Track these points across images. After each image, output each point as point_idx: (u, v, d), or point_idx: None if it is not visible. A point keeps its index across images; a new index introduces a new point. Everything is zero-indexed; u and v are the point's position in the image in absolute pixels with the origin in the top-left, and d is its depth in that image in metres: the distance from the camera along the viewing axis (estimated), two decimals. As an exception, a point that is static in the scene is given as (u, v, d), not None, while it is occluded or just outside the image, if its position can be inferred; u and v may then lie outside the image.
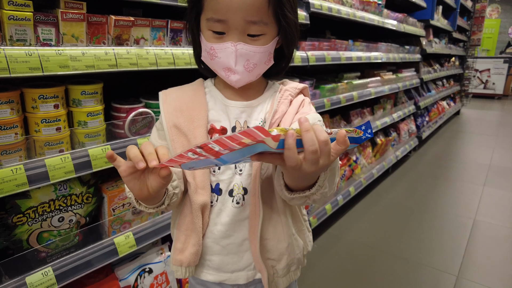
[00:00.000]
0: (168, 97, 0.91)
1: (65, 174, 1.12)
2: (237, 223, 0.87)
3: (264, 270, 0.89)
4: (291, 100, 0.90)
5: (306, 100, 0.93)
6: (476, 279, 2.21)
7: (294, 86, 0.91)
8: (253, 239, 0.86)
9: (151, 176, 0.67)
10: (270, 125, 0.85)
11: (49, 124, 1.09)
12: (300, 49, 2.16)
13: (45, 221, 1.15)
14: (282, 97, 0.89)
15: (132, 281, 1.41)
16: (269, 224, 0.87)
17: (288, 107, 0.89)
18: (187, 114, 0.87)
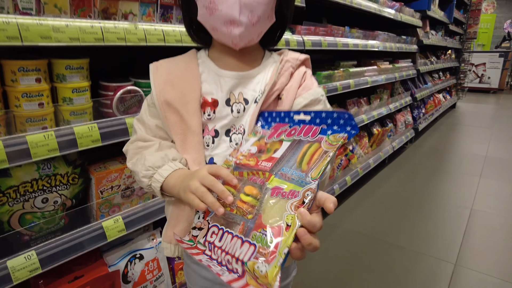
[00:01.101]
0: (159, 69, 0.85)
1: (48, 152, 1.06)
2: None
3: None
4: (292, 72, 0.84)
5: (308, 72, 0.87)
6: (474, 266, 2.19)
7: (295, 57, 0.86)
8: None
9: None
10: (267, 97, 0.80)
11: (31, 99, 1.03)
12: (296, 33, 2.11)
13: (27, 202, 1.09)
14: (283, 68, 0.83)
15: (122, 267, 1.36)
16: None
17: (289, 79, 0.83)
18: (179, 88, 0.82)
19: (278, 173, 0.62)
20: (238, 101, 0.82)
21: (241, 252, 0.60)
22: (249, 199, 0.62)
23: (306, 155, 0.60)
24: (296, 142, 0.65)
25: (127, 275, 1.37)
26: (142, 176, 0.79)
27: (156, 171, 0.76)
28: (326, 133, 0.62)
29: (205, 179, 0.65)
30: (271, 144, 0.68)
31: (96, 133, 1.17)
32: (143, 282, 1.41)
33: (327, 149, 0.60)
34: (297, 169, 0.60)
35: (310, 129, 0.64)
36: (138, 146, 0.85)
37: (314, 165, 0.59)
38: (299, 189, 0.56)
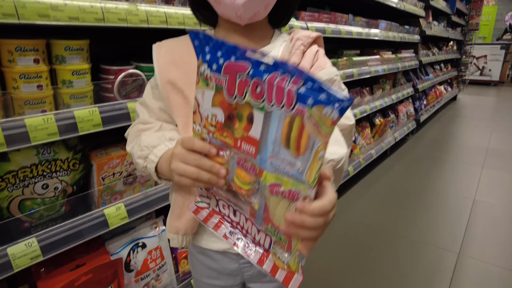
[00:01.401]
0: (162, 49, 0.81)
1: (48, 136, 1.02)
2: None
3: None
4: (304, 51, 0.80)
5: (320, 52, 0.83)
6: (477, 256, 2.18)
7: (307, 35, 0.81)
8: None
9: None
10: None
11: (29, 80, 0.99)
12: (300, 19, 2.07)
13: (27, 188, 1.06)
14: (294, 47, 0.79)
15: (124, 255, 1.33)
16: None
17: (301, 59, 0.79)
18: (183, 68, 0.78)
19: (268, 163, 0.52)
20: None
21: (260, 238, 0.61)
22: (244, 186, 0.58)
23: (292, 138, 0.48)
24: (269, 114, 0.49)
25: (129, 263, 1.34)
26: (137, 157, 0.76)
27: (151, 151, 0.73)
28: (305, 102, 0.44)
29: (186, 158, 0.61)
30: (240, 108, 0.52)
31: (97, 117, 1.13)
32: (146, 270, 1.39)
33: (315, 136, 0.45)
34: (287, 151, 0.49)
35: (281, 90, 0.46)
36: (138, 128, 0.82)
37: (305, 158, 0.48)
38: (298, 188, 0.50)
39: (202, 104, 0.56)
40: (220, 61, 0.51)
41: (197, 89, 0.56)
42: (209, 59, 0.52)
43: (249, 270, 0.91)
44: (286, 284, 0.59)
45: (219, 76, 0.51)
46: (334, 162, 0.67)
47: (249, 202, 0.59)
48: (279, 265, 0.60)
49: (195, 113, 0.59)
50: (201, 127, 0.58)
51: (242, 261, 0.89)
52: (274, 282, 0.95)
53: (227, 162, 0.58)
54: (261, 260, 0.61)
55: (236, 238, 0.65)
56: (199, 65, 0.53)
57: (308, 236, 0.53)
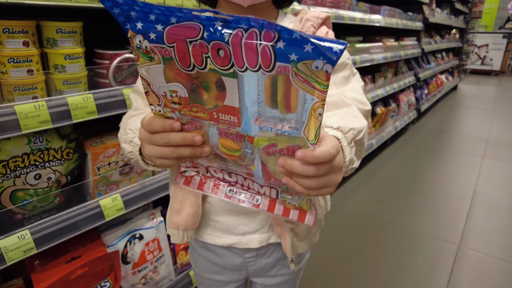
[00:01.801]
0: None
1: (39, 124, 0.97)
2: None
3: (287, 235, 0.77)
4: (314, 32, 0.75)
5: (330, 34, 0.78)
6: (477, 247, 2.17)
7: (316, 15, 0.76)
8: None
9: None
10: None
11: (19, 64, 0.93)
12: (302, 2, 1.99)
13: (18, 178, 1.01)
14: (303, 28, 0.74)
15: (121, 247, 1.29)
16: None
17: None
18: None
19: (256, 127, 0.47)
20: None
21: (265, 191, 0.59)
22: (233, 153, 0.54)
23: (278, 99, 0.41)
24: (242, 77, 0.41)
25: (126, 255, 1.31)
26: (123, 142, 0.71)
27: (136, 134, 0.67)
28: (287, 59, 0.37)
29: (152, 140, 0.56)
30: (203, 76, 0.43)
31: (92, 104, 1.08)
32: (143, 262, 1.36)
33: (307, 93, 0.39)
34: (275, 111, 0.44)
35: (253, 50, 0.37)
36: (130, 115, 0.78)
37: (298, 115, 0.42)
38: (296, 142, 0.46)
39: (153, 82, 0.47)
40: (158, 28, 0.40)
41: (139, 67, 0.46)
42: (142, 28, 0.41)
43: (253, 264, 0.87)
44: (302, 220, 0.58)
45: (163, 45, 0.41)
46: (355, 131, 0.63)
47: (243, 165, 0.55)
48: (290, 207, 0.59)
49: (147, 93, 0.50)
50: (161, 107, 0.51)
51: (247, 256, 0.86)
52: (278, 277, 0.92)
53: (204, 130, 0.53)
54: (271, 207, 0.59)
55: (238, 194, 0.62)
56: (130, 37, 0.42)
57: (316, 185, 0.50)
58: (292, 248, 0.79)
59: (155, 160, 0.59)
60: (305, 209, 0.58)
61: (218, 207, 0.80)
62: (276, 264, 0.89)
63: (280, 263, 0.89)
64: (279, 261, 0.89)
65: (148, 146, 0.58)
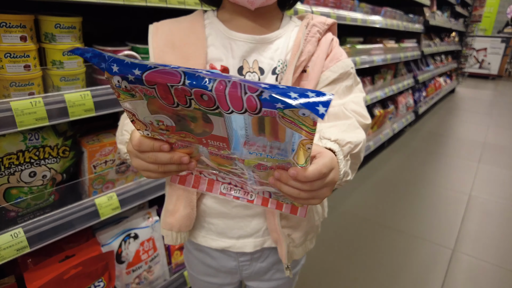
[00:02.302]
0: (159, 30, 0.74)
1: (36, 121, 0.95)
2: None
3: (283, 241, 0.76)
4: (319, 39, 0.73)
5: (335, 41, 0.77)
6: (472, 253, 2.18)
7: (322, 21, 0.75)
8: None
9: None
10: (296, 68, 0.69)
11: (15, 59, 0.91)
12: (305, 2, 1.97)
13: (13, 175, 0.99)
14: (309, 34, 0.72)
15: (116, 246, 1.28)
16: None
17: (316, 47, 0.73)
18: (181, 51, 0.71)
19: (245, 151, 0.47)
20: (252, 69, 0.72)
21: (258, 191, 0.61)
22: (224, 167, 0.55)
23: (266, 132, 0.41)
24: (229, 116, 0.41)
25: (121, 255, 1.29)
26: (119, 143, 0.71)
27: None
28: (273, 107, 0.36)
29: (140, 157, 0.55)
30: (188, 111, 0.42)
31: (90, 101, 1.06)
32: (138, 262, 1.34)
33: (294, 131, 0.39)
34: (263, 138, 0.43)
35: (238, 99, 0.37)
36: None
37: (286, 144, 0.42)
38: (286, 161, 0.47)
39: (137, 114, 0.46)
40: (135, 72, 0.38)
41: (120, 101, 0.44)
42: (118, 71, 0.39)
43: (248, 268, 0.87)
44: (294, 213, 0.61)
45: (144, 86, 0.39)
46: (352, 145, 0.63)
47: (235, 174, 0.56)
48: (283, 203, 0.61)
49: (133, 122, 0.48)
50: (149, 131, 0.50)
51: (242, 259, 0.85)
52: (273, 281, 0.91)
53: (193, 147, 0.52)
54: (265, 202, 0.62)
55: (233, 191, 0.64)
56: (107, 77, 0.41)
57: (304, 197, 0.52)
58: (288, 255, 0.79)
59: (141, 172, 0.59)
60: (297, 205, 0.61)
61: (213, 210, 0.79)
62: (270, 268, 0.88)
63: (275, 268, 0.89)
64: (274, 266, 0.88)
65: (135, 159, 0.57)
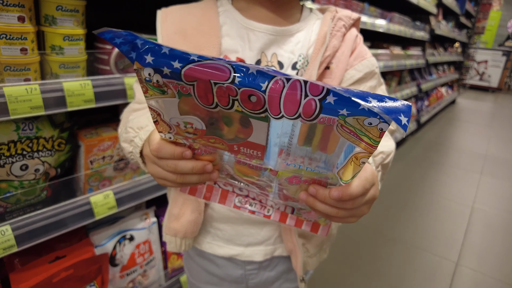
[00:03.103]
0: (169, 17, 0.68)
1: (31, 109, 0.87)
2: None
3: (299, 251, 0.70)
4: (344, 34, 0.67)
5: (359, 37, 0.71)
6: (475, 266, 2.12)
7: (348, 15, 0.69)
8: None
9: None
10: (320, 64, 0.63)
11: (11, 41, 0.84)
12: (316, 1, 1.91)
13: (2, 168, 0.91)
14: (335, 28, 0.66)
15: (110, 248, 1.20)
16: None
17: (341, 42, 0.66)
18: (193, 40, 0.64)
19: (280, 162, 0.42)
20: (270, 63, 0.65)
21: (279, 206, 0.56)
22: (250, 178, 0.48)
23: (316, 136, 0.36)
24: (273, 122, 0.36)
25: (115, 257, 1.21)
26: (123, 141, 0.64)
27: (137, 134, 0.59)
28: (335, 113, 0.31)
29: (159, 163, 0.48)
30: (225, 113, 0.37)
31: (90, 91, 0.98)
32: (133, 266, 1.26)
33: (353, 145, 0.34)
34: (307, 148, 0.38)
35: (295, 102, 0.32)
36: (132, 108, 0.71)
37: (333, 157, 0.38)
38: (324, 175, 0.42)
39: (164, 113, 0.40)
40: (174, 65, 0.32)
41: (147, 97, 0.38)
42: (153, 62, 0.33)
43: (255, 277, 0.80)
44: (315, 231, 0.56)
45: (180, 82, 0.34)
46: (384, 155, 0.59)
47: (258, 186, 0.50)
48: (303, 220, 0.56)
49: (156, 123, 0.42)
50: (173, 134, 0.43)
51: (249, 268, 0.78)
52: None
53: (217, 154, 0.46)
54: (283, 218, 0.57)
55: (249, 205, 0.57)
56: (137, 69, 0.34)
57: (345, 216, 0.47)
58: (303, 266, 0.72)
59: (156, 179, 0.52)
60: (320, 223, 0.56)
61: (221, 214, 0.72)
62: (279, 277, 0.82)
63: (284, 277, 0.82)
64: (283, 275, 0.82)
65: (152, 165, 0.51)
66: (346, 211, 0.46)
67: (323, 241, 0.76)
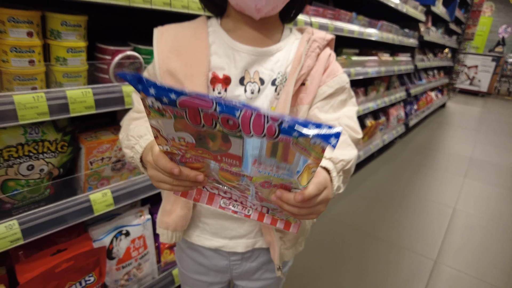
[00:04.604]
0: (164, 35, 0.76)
1: (37, 115, 0.97)
2: None
3: (276, 243, 0.80)
4: (318, 54, 0.77)
5: (332, 56, 0.80)
6: (453, 264, 2.24)
7: (322, 37, 0.78)
8: None
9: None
10: (296, 81, 0.73)
11: (21, 54, 0.93)
12: (304, 12, 2.02)
13: (11, 168, 1.00)
14: (310, 49, 0.75)
15: (107, 243, 1.29)
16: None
17: (315, 61, 0.76)
18: (185, 57, 0.73)
19: (254, 170, 0.52)
20: (253, 80, 0.75)
21: (257, 207, 0.66)
22: (231, 183, 0.59)
23: (277, 155, 0.47)
24: (246, 139, 0.46)
25: (111, 251, 1.31)
26: (125, 147, 0.73)
27: (137, 142, 0.70)
28: (290, 134, 0.41)
29: (158, 169, 0.59)
30: (210, 131, 0.47)
31: (91, 99, 1.08)
32: (128, 259, 1.36)
33: (303, 156, 0.45)
34: (273, 160, 0.48)
35: (260, 126, 0.42)
36: (132, 117, 0.80)
37: (293, 167, 0.48)
38: (289, 181, 0.53)
39: (162, 130, 0.50)
40: (171, 96, 0.42)
41: (150, 118, 0.48)
42: (155, 94, 0.43)
43: (238, 267, 0.90)
44: (287, 229, 0.67)
45: (175, 108, 0.44)
46: (345, 162, 0.68)
47: (239, 189, 0.61)
48: (278, 219, 0.67)
49: (156, 137, 0.53)
50: (169, 146, 0.54)
51: (233, 258, 0.88)
52: (261, 280, 0.94)
53: (205, 162, 0.56)
54: (261, 217, 0.67)
55: (232, 206, 0.68)
56: (142, 98, 0.45)
57: (304, 213, 0.58)
58: (280, 256, 0.82)
59: (154, 183, 0.62)
60: (291, 222, 0.66)
61: (208, 210, 0.82)
62: (260, 268, 0.91)
63: (264, 268, 0.92)
64: (263, 266, 0.91)
65: (152, 170, 0.61)
66: (306, 209, 0.56)
67: (298, 235, 0.86)
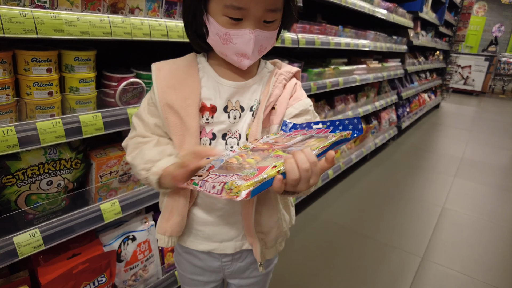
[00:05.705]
0: (161, 72, 0.90)
1: (55, 138, 1.13)
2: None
3: (257, 243, 0.94)
4: (285, 84, 0.93)
5: (298, 84, 0.96)
6: (439, 261, 2.38)
7: (288, 70, 0.94)
8: (247, 214, 0.90)
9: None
10: (266, 107, 0.88)
11: (41, 87, 1.09)
12: (291, 30, 2.19)
13: (34, 184, 1.16)
14: (277, 81, 0.91)
15: (116, 247, 1.45)
16: (263, 200, 0.91)
17: (282, 90, 0.92)
18: (181, 92, 0.87)
19: (285, 150, 0.71)
20: (235, 108, 0.90)
21: (227, 178, 0.67)
22: (251, 161, 0.70)
23: (313, 143, 0.68)
24: (307, 137, 0.73)
25: (120, 254, 1.46)
26: (141, 169, 0.85)
27: (154, 165, 0.83)
28: (334, 132, 0.72)
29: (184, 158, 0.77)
30: (287, 139, 0.76)
31: (100, 122, 1.24)
32: (135, 261, 1.52)
33: (329, 139, 0.69)
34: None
35: (322, 130, 0.75)
36: (137, 141, 0.91)
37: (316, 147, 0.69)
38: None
39: (265, 138, 0.82)
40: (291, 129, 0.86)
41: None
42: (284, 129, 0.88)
43: (229, 267, 1.04)
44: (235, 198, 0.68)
45: (287, 131, 0.86)
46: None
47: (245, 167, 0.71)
48: (223, 195, 0.64)
49: (255, 140, 0.84)
50: (251, 143, 0.80)
51: (224, 260, 1.02)
52: (251, 278, 1.09)
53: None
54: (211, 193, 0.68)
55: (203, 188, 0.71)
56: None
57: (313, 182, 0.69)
58: (261, 255, 0.97)
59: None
60: (240, 189, 0.61)
61: (201, 219, 0.95)
62: (248, 267, 1.06)
63: (252, 267, 1.06)
64: (251, 265, 1.05)
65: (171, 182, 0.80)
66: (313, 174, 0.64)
67: (277, 236, 1.00)
